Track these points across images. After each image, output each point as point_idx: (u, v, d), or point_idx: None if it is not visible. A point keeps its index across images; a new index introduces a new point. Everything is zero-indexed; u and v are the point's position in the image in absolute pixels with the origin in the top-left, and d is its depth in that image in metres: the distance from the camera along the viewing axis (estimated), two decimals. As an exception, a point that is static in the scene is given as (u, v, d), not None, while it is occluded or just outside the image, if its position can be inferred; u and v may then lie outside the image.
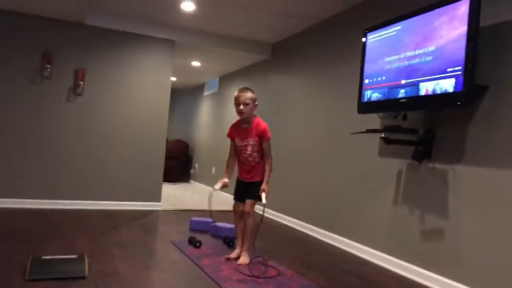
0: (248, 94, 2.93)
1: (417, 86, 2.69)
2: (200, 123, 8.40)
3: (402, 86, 2.82)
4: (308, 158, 4.36)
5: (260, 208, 3.02)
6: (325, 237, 3.88)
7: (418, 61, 2.71)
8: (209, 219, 3.88)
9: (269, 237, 3.84)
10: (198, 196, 6.44)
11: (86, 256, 2.63)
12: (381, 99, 3.02)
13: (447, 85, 2.47)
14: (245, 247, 2.94)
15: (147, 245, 3.25)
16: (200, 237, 3.44)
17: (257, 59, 5.75)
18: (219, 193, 6.85)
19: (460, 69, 2.39)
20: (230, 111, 6.79)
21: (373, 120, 3.32)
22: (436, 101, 2.57)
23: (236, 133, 3.02)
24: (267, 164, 2.93)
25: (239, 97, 2.92)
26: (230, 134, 3.07)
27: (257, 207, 2.99)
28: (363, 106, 3.23)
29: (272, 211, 4.86)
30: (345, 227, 3.65)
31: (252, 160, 2.94)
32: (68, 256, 2.63)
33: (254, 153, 2.93)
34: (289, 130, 4.76)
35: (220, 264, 2.84)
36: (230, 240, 3.38)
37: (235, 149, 3.04)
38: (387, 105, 2.99)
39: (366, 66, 3.23)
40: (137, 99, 4.90)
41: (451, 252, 2.63)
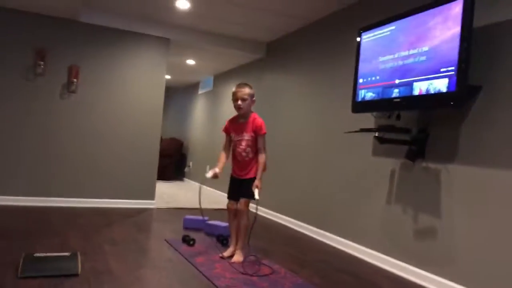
0: (246, 90, 2.94)
1: (411, 86, 2.70)
2: (195, 122, 8.39)
3: (396, 86, 2.84)
4: (302, 157, 4.37)
5: (254, 207, 3.02)
6: (319, 235, 3.90)
7: (412, 61, 2.73)
8: (203, 218, 3.87)
9: (263, 235, 3.85)
10: (192, 194, 6.44)
11: (79, 254, 2.62)
12: (375, 98, 3.04)
13: (441, 85, 2.48)
14: (239, 245, 2.94)
15: (141, 243, 3.24)
16: (194, 235, 3.44)
17: (251, 58, 5.75)
18: (212, 192, 6.84)
19: (453, 69, 2.41)
20: (224, 109, 6.79)
21: (367, 120, 3.34)
22: (430, 101, 2.58)
23: (233, 127, 3.02)
24: (260, 159, 2.92)
25: (237, 93, 2.93)
26: (226, 129, 3.07)
27: (251, 205, 2.99)
28: (357, 105, 3.25)
29: (266, 209, 4.87)
30: (339, 225, 3.67)
31: (246, 155, 2.94)
32: (61, 253, 2.62)
33: (248, 148, 2.93)
34: (284, 129, 4.77)
35: (214, 262, 2.84)
36: (224, 238, 3.38)
37: (229, 144, 3.05)
38: (381, 105, 3.01)
39: (360, 65, 3.24)
40: (131, 96, 4.88)
41: (444, 251, 2.65)
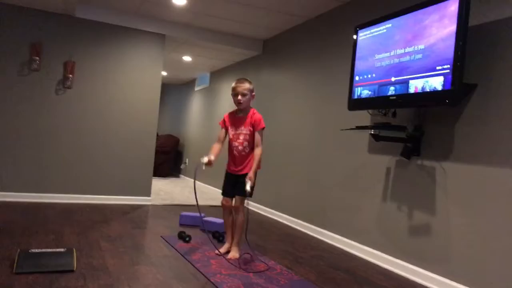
0: (245, 85, 2.93)
1: (407, 84, 2.71)
2: (191, 118, 8.37)
3: (392, 84, 2.85)
4: (298, 154, 4.38)
5: (250, 204, 3.02)
6: (314, 232, 3.91)
7: (408, 58, 2.74)
8: (199, 214, 3.87)
9: (259, 232, 3.86)
10: (188, 191, 6.43)
11: (74, 250, 2.62)
12: (371, 96, 3.05)
13: (436, 83, 2.50)
14: (235, 241, 2.95)
15: (136, 240, 3.24)
16: (190, 232, 3.44)
17: (248, 55, 5.74)
18: (208, 188, 6.83)
19: (449, 68, 2.42)
20: (221, 106, 6.79)
21: (363, 117, 3.35)
22: (425, 99, 2.59)
23: (231, 121, 3.01)
24: (257, 151, 2.88)
25: (237, 88, 2.92)
26: (224, 122, 3.05)
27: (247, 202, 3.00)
28: (353, 103, 3.26)
29: (262, 206, 4.88)
30: (334, 222, 3.68)
31: (243, 149, 2.93)
32: (56, 249, 2.62)
33: (246, 143, 2.92)
34: (280, 126, 4.78)
35: (209, 258, 2.84)
36: (220, 235, 3.39)
37: (223, 138, 3.02)
38: (377, 102, 3.02)
39: (356, 63, 3.24)
40: (127, 92, 4.87)
41: (439, 248, 2.67)
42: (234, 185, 2.94)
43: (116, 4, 4.45)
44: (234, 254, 2.90)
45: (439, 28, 2.52)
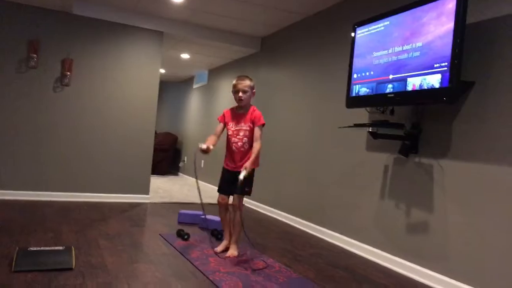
0: (246, 82, 2.94)
1: (405, 81, 2.72)
2: (189, 116, 8.36)
3: (390, 81, 2.85)
4: (296, 152, 4.38)
5: (248, 201, 3.02)
6: (313, 230, 3.92)
7: (406, 56, 2.74)
8: (198, 212, 3.88)
9: (258, 230, 3.87)
10: (186, 189, 6.44)
11: (73, 248, 2.62)
12: (369, 93, 3.05)
13: (434, 81, 2.50)
14: (234, 239, 2.95)
15: (135, 238, 3.24)
16: (189, 230, 3.45)
17: (246, 53, 5.73)
18: (207, 186, 6.82)
19: (447, 65, 2.42)
20: (219, 104, 6.78)
21: (361, 115, 3.35)
22: (423, 96, 2.60)
23: (231, 117, 3.01)
24: (256, 145, 2.85)
25: (238, 85, 2.92)
26: (223, 117, 3.04)
27: (245, 200, 3.00)
28: (352, 100, 3.26)
29: (261, 204, 4.88)
30: (333, 220, 3.69)
31: (242, 145, 2.92)
32: (55, 247, 2.62)
33: (245, 139, 2.92)
34: (278, 124, 4.78)
35: (208, 256, 2.85)
36: (218, 233, 3.40)
37: (220, 132, 3.00)
38: (375, 100, 3.02)
39: (354, 60, 3.25)
40: (125, 90, 4.86)
41: (437, 245, 2.68)
42: (232, 182, 2.89)
43: (114, 1, 4.44)
44: (233, 252, 2.90)
45: (436, 25, 2.52)
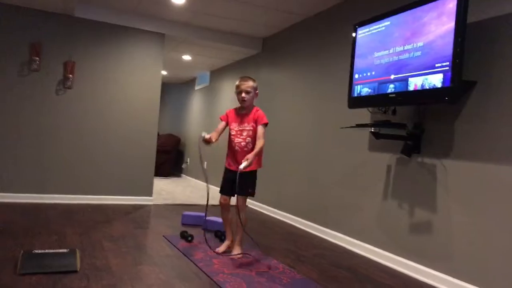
0: (249, 83, 2.95)
1: (406, 81, 2.72)
2: (192, 117, 8.37)
3: (392, 81, 2.85)
4: (299, 153, 4.39)
5: (251, 202, 3.03)
6: (316, 231, 3.92)
7: (407, 56, 2.74)
8: (202, 214, 3.89)
9: (262, 231, 3.87)
10: (189, 190, 6.45)
11: (77, 250, 2.63)
12: (371, 94, 3.05)
13: (435, 81, 2.50)
14: (237, 240, 2.96)
15: (139, 240, 3.25)
16: (192, 231, 3.46)
17: (248, 54, 5.74)
18: (210, 188, 6.83)
19: (448, 65, 2.42)
20: (221, 105, 6.79)
21: (363, 115, 3.35)
22: (425, 96, 2.60)
23: (234, 117, 3.01)
24: (259, 142, 2.82)
25: (241, 85, 2.93)
26: (226, 117, 3.04)
27: (249, 201, 3.00)
28: (353, 101, 3.26)
29: (265, 205, 4.89)
30: (336, 221, 3.69)
31: (245, 145, 2.92)
32: (59, 250, 2.63)
33: (249, 138, 2.92)
34: (280, 124, 4.78)
35: (212, 257, 2.86)
36: (222, 234, 3.40)
37: (221, 131, 2.99)
38: (376, 100, 3.02)
39: (356, 61, 3.25)
40: (128, 92, 4.87)
41: (440, 245, 2.68)
42: (234, 182, 2.84)
43: (115, 3, 4.45)
44: (236, 252, 2.91)
45: (437, 25, 2.52)
